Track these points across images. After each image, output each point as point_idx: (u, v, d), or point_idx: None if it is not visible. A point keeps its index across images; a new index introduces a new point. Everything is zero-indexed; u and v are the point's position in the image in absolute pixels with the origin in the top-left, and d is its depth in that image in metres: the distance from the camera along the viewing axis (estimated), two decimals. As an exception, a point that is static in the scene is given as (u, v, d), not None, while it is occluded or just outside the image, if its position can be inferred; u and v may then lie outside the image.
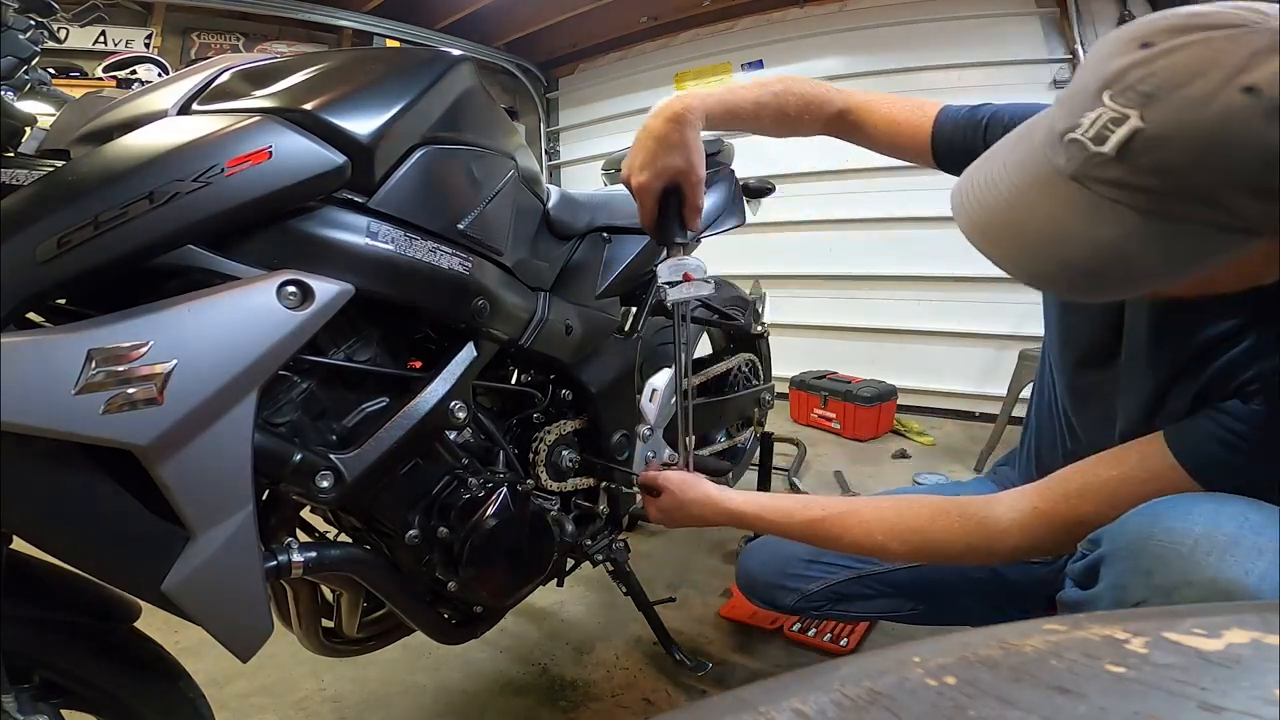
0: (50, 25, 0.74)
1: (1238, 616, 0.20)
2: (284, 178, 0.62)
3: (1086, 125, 0.48)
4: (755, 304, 1.75)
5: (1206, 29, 0.45)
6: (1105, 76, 0.48)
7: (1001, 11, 3.21)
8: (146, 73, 2.86)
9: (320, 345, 0.73)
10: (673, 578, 1.65)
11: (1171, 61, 0.45)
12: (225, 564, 0.62)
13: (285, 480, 0.69)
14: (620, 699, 1.23)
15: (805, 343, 3.47)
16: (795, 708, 0.18)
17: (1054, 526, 0.69)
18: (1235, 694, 0.16)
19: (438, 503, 0.84)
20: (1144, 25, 0.49)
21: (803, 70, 3.54)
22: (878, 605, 1.08)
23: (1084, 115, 0.49)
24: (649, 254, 1.19)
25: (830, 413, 2.88)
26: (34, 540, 0.59)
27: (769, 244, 3.50)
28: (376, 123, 0.68)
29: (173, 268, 0.60)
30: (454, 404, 0.80)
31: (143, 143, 0.61)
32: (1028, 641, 0.20)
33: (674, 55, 4.15)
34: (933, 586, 1.05)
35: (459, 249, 0.79)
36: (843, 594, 1.08)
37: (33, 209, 0.55)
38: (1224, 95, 0.43)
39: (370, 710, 1.21)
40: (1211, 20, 0.46)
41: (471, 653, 1.36)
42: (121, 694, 0.71)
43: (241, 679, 1.25)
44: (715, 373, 1.59)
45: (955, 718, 0.17)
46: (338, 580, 0.85)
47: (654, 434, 1.17)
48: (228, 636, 0.64)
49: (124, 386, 0.54)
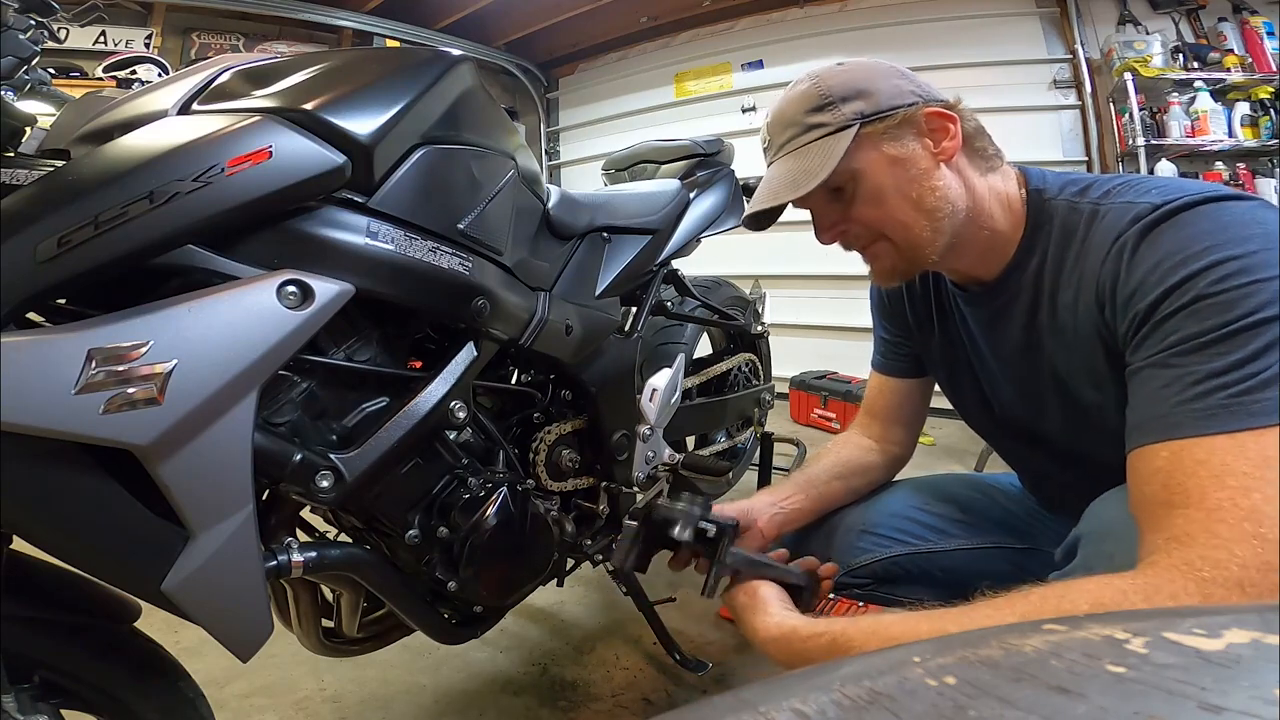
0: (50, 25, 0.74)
1: (1238, 616, 0.20)
2: (284, 177, 0.62)
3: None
4: (755, 304, 1.75)
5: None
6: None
7: (1001, 11, 3.21)
8: (146, 73, 2.86)
9: (320, 345, 0.73)
10: (673, 578, 1.64)
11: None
12: (225, 564, 0.62)
13: (285, 480, 0.69)
14: (620, 699, 1.23)
15: (805, 343, 3.47)
16: (795, 708, 0.18)
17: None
18: (1235, 694, 0.16)
19: (438, 502, 0.84)
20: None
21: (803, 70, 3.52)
22: (918, 593, 1.04)
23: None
24: (649, 254, 1.19)
25: (830, 413, 2.88)
26: (34, 540, 0.59)
27: (769, 244, 3.50)
28: (377, 123, 0.68)
29: (173, 268, 0.60)
30: (454, 404, 0.80)
31: (143, 143, 0.61)
32: (1028, 641, 0.20)
33: (674, 55, 4.15)
34: (978, 579, 1.03)
35: (459, 249, 0.79)
36: (888, 572, 1.05)
37: (33, 209, 0.55)
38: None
39: (370, 710, 1.21)
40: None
41: (471, 653, 1.36)
42: (121, 694, 0.71)
43: (241, 679, 1.25)
44: (715, 373, 1.59)
45: (955, 718, 0.17)
46: (338, 580, 0.85)
47: (654, 434, 1.17)
48: (228, 636, 0.64)
49: (124, 386, 0.54)
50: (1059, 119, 3.14)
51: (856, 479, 1.07)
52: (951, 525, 1.06)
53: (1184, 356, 0.60)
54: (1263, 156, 2.84)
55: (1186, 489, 0.56)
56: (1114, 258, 0.69)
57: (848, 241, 0.85)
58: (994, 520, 1.06)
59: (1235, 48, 2.86)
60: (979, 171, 0.81)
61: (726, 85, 3.93)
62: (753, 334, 1.72)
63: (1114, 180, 0.76)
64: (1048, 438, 0.89)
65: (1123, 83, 2.81)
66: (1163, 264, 0.64)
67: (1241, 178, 2.85)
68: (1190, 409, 0.58)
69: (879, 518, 1.06)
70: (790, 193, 0.78)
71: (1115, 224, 0.70)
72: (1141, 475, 0.61)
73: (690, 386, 1.51)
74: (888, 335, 1.08)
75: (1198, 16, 2.98)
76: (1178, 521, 0.55)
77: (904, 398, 1.08)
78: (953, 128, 0.77)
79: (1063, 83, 3.14)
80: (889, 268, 0.84)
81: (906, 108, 0.77)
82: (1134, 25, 2.97)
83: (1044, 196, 0.79)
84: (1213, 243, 0.61)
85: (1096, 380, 0.76)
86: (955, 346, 0.95)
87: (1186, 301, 0.61)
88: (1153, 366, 0.63)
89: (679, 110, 4.11)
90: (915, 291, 0.99)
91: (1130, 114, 2.81)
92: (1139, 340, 0.65)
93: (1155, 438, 0.60)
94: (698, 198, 1.35)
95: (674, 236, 1.26)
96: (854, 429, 1.13)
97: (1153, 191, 0.70)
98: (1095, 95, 3.05)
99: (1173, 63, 2.86)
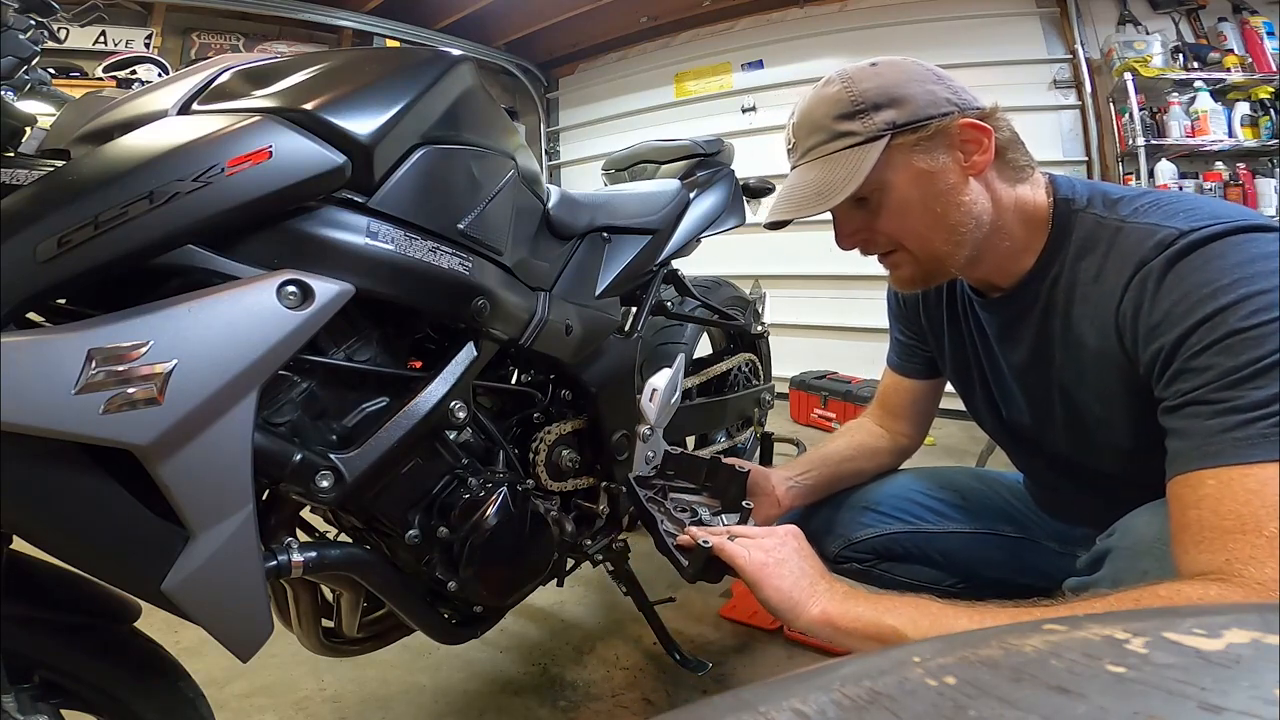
0: (50, 25, 0.73)
1: (1238, 616, 0.20)
2: (284, 177, 0.62)
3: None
4: (755, 304, 1.75)
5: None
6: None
7: (1001, 11, 3.22)
8: (146, 73, 2.86)
9: (320, 345, 0.73)
10: (673, 578, 1.64)
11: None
12: (225, 564, 0.62)
13: (285, 480, 0.69)
14: (620, 699, 1.23)
15: (805, 343, 3.47)
16: (795, 708, 0.18)
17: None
18: (1235, 694, 0.16)
19: (438, 502, 0.83)
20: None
21: (802, 70, 3.55)
22: (920, 573, 1.07)
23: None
24: (649, 254, 1.19)
25: (830, 413, 2.88)
26: (34, 540, 0.58)
27: (769, 244, 3.51)
28: (377, 123, 0.68)
29: (173, 268, 0.60)
30: (454, 404, 0.80)
31: (143, 143, 0.61)
32: (1028, 641, 0.20)
33: (674, 55, 4.15)
34: (974, 564, 1.06)
35: (459, 249, 0.79)
36: (889, 549, 1.07)
37: (33, 209, 0.55)
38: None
39: (370, 710, 1.21)
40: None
41: (471, 653, 1.36)
42: (121, 694, 0.71)
43: (241, 679, 1.25)
44: (715, 373, 1.59)
45: (955, 718, 0.17)
46: (338, 580, 0.85)
47: (654, 434, 1.17)
48: (228, 636, 0.64)
49: (124, 386, 0.53)
50: (1059, 119, 3.15)
51: (866, 462, 1.11)
52: (951, 510, 1.08)
53: (1223, 390, 0.61)
54: (1263, 156, 2.84)
55: (1241, 516, 0.57)
56: (1137, 285, 0.68)
57: (868, 248, 0.85)
58: (993, 509, 1.08)
59: (1235, 48, 2.86)
60: (1008, 182, 0.79)
61: (726, 85, 3.93)
62: (753, 334, 1.72)
63: (1144, 197, 0.75)
64: (1051, 446, 0.90)
65: (1123, 83, 2.81)
66: (1190, 296, 0.64)
67: (1241, 178, 2.85)
68: (1233, 437, 0.59)
69: (882, 496, 1.10)
70: (815, 206, 0.76)
71: (1138, 246, 0.69)
72: (1187, 500, 0.62)
73: (690, 386, 1.51)
74: (903, 337, 1.09)
75: (1198, 16, 2.98)
76: (1238, 546, 0.57)
77: (916, 397, 1.10)
78: (986, 141, 0.75)
79: (1063, 83, 3.14)
80: (908, 276, 0.84)
81: (940, 118, 0.74)
82: (1134, 25, 2.97)
83: (1071, 207, 0.78)
84: (1241, 276, 0.62)
85: (1103, 396, 0.77)
86: (968, 351, 0.96)
87: (1219, 337, 0.61)
88: (1193, 403, 0.63)
89: (679, 110, 4.12)
90: (930, 296, 0.99)
91: (1130, 114, 2.81)
92: (1171, 375, 0.65)
93: (1200, 465, 0.61)
94: (698, 198, 1.35)
95: (674, 236, 1.26)
96: (867, 416, 1.17)
97: (1180, 215, 0.69)
98: (1095, 95, 3.05)
99: (1173, 63, 2.87)
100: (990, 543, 1.05)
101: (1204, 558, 0.59)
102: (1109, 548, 0.73)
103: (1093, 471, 0.85)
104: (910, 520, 1.07)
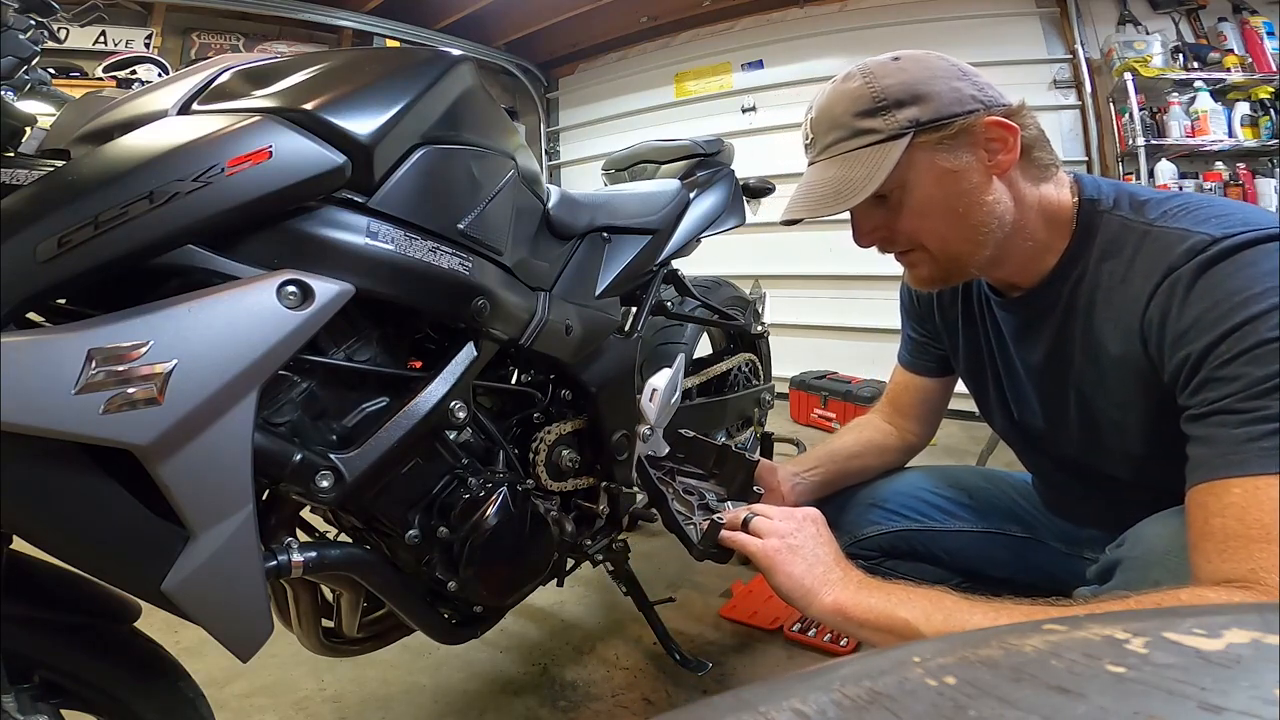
0: (50, 25, 0.73)
1: (1238, 616, 0.20)
2: (284, 177, 0.62)
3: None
4: (755, 304, 1.75)
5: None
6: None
7: (1001, 11, 3.22)
8: (146, 73, 2.86)
9: (320, 345, 0.73)
10: (673, 578, 1.65)
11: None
12: (225, 564, 0.62)
13: (285, 480, 0.69)
14: (620, 699, 1.23)
15: (805, 343, 3.47)
16: (795, 708, 0.18)
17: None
18: (1235, 694, 0.16)
19: (438, 502, 0.83)
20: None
21: (802, 70, 3.56)
22: (925, 571, 1.06)
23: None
24: (649, 254, 1.19)
25: (830, 413, 2.88)
26: (34, 540, 0.58)
27: (769, 244, 3.51)
28: (377, 123, 0.68)
29: (173, 268, 0.60)
30: (454, 404, 0.80)
31: (143, 143, 0.61)
32: (1028, 641, 0.20)
33: (674, 55, 4.15)
34: (981, 563, 1.06)
35: (459, 249, 0.79)
36: (895, 547, 1.07)
37: (33, 209, 0.55)
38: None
39: (370, 710, 1.21)
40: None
41: (471, 653, 1.36)
42: (121, 694, 0.71)
43: (241, 679, 1.25)
44: (715, 373, 1.59)
45: (955, 718, 0.17)
46: (338, 580, 0.85)
47: (654, 434, 1.17)
48: (228, 636, 0.64)
49: (124, 386, 0.53)
50: (1059, 119, 3.14)
51: (874, 459, 1.11)
52: (958, 509, 1.08)
53: (1251, 400, 0.60)
54: (1263, 156, 2.84)
55: (1266, 525, 0.57)
56: (1165, 291, 0.67)
57: (886, 247, 0.83)
58: (1000, 509, 1.08)
59: (1235, 48, 2.86)
60: (1032, 182, 0.77)
61: (726, 85, 3.93)
62: (753, 334, 1.72)
63: (1173, 200, 0.74)
64: (1062, 447, 0.89)
65: (1123, 83, 2.81)
66: (1220, 304, 0.63)
67: (1241, 178, 2.85)
68: (1260, 447, 0.59)
69: (889, 494, 1.10)
70: (832, 206, 0.75)
71: (1167, 251, 0.68)
72: (1211, 508, 0.61)
73: (690, 386, 1.51)
74: (915, 334, 1.08)
75: (1198, 16, 2.98)
76: (1264, 555, 0.57)
77: (927, 395, 1.10)
78: (1011, 139, 0.73)
79: (1063, 83, 3.14)
80: (926, 276, 0.82)
81: (965, 116, 0.72)
82: (1134, 25, 2.97)
83: (1097, 208, 0.77)
84: (1272, 285, 0.61)
85: (1120, 400, 0.76)
86: (983, 349, 0.95)
87: (1249, 346, 0.61)
88: (1220, 412, 0.62)
89: (679, 110, 4.11)
90: (945, 294, 0.98)
91: (1130, 114, 2.81)
92: (1198, 383, 0.64)
93: (1226, 473, 0.61)
94: (698, 198, 1.35)
95: (674, 236, 1.26)
96: (875, 413, 1.17)
97: (1212, 221, 0.67)
98: (1095, 95, 3.05)
99: (1173, 63, 2.86)
100: (997, 542, 1.05)
101: (1228, 566, 0.58)
102: (1119, 558, 0.73)
103: (1102, 474, 0.85)
104: (917, 518, 1.07)
